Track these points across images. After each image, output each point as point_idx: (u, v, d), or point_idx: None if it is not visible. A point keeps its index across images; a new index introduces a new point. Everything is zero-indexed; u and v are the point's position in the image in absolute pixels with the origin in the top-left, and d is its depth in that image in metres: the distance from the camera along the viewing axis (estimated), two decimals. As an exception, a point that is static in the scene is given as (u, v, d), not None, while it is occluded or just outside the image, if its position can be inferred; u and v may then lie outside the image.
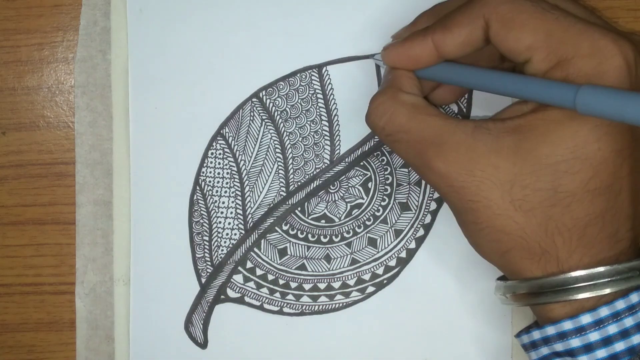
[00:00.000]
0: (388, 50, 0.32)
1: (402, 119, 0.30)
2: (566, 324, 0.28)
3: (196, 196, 0.37)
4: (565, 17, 0.28)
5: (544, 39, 0.28)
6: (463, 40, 0.29)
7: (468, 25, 0.29)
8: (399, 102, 0.31)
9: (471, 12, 0.29)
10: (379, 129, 0.31)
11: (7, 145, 0.38)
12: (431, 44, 0.30)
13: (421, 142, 0.30)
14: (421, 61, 0.31)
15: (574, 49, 0.27)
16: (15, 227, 0.38)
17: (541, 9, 0.28)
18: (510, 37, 0.28)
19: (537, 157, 0.28)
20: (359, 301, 0.37)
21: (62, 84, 0.38)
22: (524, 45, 0.28)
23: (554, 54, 0.28)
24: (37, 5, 0.38)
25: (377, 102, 0.31)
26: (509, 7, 0.28)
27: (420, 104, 0.31)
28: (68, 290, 0.38)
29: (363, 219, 0.37)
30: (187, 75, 0.37)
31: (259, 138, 0.37)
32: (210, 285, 0.37)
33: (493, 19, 0.29)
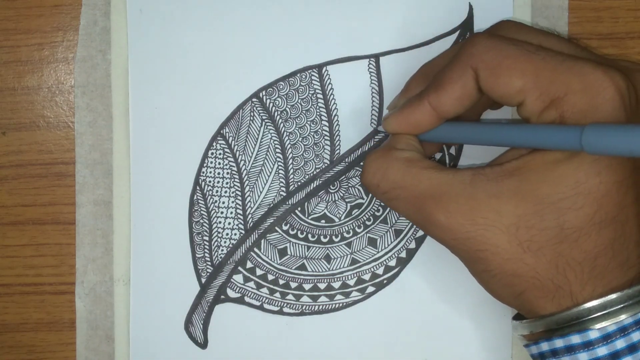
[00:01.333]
0: (388, 120, 0.32)
1: (397, 175, 0.30)
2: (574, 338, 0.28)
3: (196, 196, 0.37)
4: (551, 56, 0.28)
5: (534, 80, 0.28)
6: (458, 95, 0.29)
7: (459, 80, 0.29)
8: (392, 158, 0.31)
9: (459, 66, 0.29)
10: (374, 187, 0.31)
11: (7, 145, 0.38)
12: (429, 107, 0.30)
13: (419, 197, 0.30)
14: (422, 125, 0.31)
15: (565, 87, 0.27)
16: (15, 227, 0.38)
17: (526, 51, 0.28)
18: (500, 83, 0.28)
19: (538, 197, 0.28)
20: (359, 301, 0.37)
21: (62, 84, 0.38)
22: (515, 89, 0.28)
23: (545, 94, 0.28)
24: (37, 5, 0.38)
25: (370, 159, 0.31)
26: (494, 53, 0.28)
27: (414, 157, 0.31)
28: (68, 290, 0.38)
29: (363, 219, 0.37)
30: (187, 75, 0.37)
31: (259, 138, 0.37)
32: (210, 285, 0.37)
33: (480, 67, 0.29)
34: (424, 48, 0.36)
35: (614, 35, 0.37)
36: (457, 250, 0.30)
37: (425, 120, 0.31)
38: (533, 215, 0.28)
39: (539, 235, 0.28)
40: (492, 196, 0.28)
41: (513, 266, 0.29)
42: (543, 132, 0.28)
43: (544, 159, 0.28)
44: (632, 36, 0.37)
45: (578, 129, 0.26)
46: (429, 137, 0.32)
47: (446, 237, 0.29)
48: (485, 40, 0.29)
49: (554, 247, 0.28)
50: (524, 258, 0.28)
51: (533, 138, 0.28)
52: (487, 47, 0.29)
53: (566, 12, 0.37)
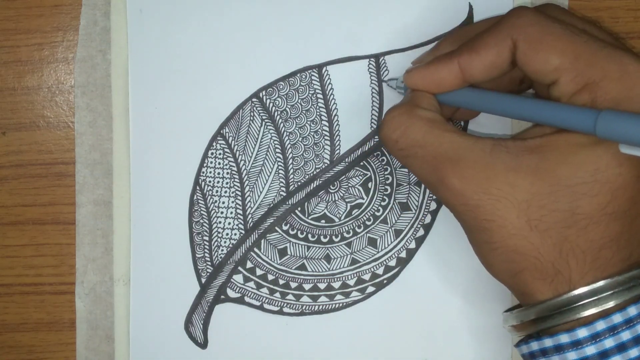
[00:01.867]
0: (412, 72, 0.31)
1: (418, 134, 0.30)
2: (563, 337, 0.28)
3: (196, 196, 0.37)
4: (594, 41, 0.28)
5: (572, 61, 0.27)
6: (490, 62, 0.29)
7: (495, 47, 0.29)
8: (415, 116, 0.30)
9: (499, 33, 0.29)
10: (391, 142, 0.31)
11: (7, 145, 0.38)
12: (457, 67, 0.30)
13: (437, 158, 0.29)
14: (445, 84, 0.31)
15: (602, 72, 0.27)
16: (15, 227, 0.38)
17: (570, 31, 0.28)
18: (538, 58, 0.28)
19: (556, 178, 0.28)
20: (359, 301, 0.37)
21: (62, 84, 0.38)
22: (552, 66, 0.28)
23: (581, 76, 0.27)
24: (37, 5, 0.38)
25: (392, 114, 0.31)
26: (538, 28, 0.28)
27: (437, 119, 0.30)
28: (68, 290, 0.38)
29: (363, 219, 0.37)
30: (187, 75, 0.37)
31: (259, 138, 0.37)
32: (210, 285, 0.37)
33: (521, 39, 0.28)
34: (424, 48, 0.36)
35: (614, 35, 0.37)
36: (464, 217, 0.30)
37: (450, 80, 0.30)
38: (547, 195, 0.28)
39: (549, 216, 0.28)
40: (510, 169, 0.28)
41: (517, 242, 0.28)
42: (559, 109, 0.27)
43: (567, 140, 0.28)
44: (632, 36, 0.37)
45: (595, 112, 0.26)
46: (447, 99, 0.31)
47: (456, 202, 0.29)
48: (531, 14, 0.29)
49: (561, 231, 0.28)
50: (530, 236, 0.28)
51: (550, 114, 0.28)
52: (531, 20, 0.28)
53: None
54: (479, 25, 0.33)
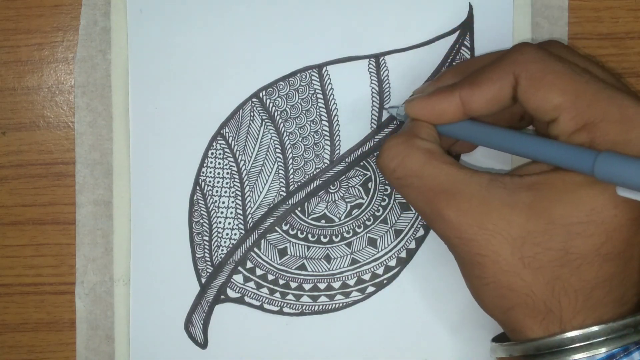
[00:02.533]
0: (413, 102, 0.32)
1: (416, 164, 0.30)
2: None
3: (196, 196, 0.37)
4: (595, 81, 0.28)
5: (573, 100, 0.28)
6: (491, 97, 0.29)
7: (497, 82, 0.29)
8: (413, 147, 0.30)
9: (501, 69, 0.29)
10: (389, 171, 0.31)
11: (7, 145, 0.38)
12: (458, 100, 0.30)
13: (433, 190, 0.29)
14: (446, 116, 0.31)
15: (602, 114, 0.27)
16: (15, 227, 0.38)
17: (571, 70, 0.28)
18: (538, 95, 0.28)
19: (552, 216, 0.28)
20: (359, 301, 0.37)
21: (62, 84, 0.38)
22: (553, 104, 0.28)
23: (581, 116, 0.27)
24: (37, 5, 0.38)
25: (390, 143, 0.31)
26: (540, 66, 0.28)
27: (435, 150, 0.30)
28: (68, 290, 0.38)
29: (363, 219, 0.37)
30: (187, 75, 0.37)
31: (259, 138, 0.37)
32: (210, 285, 0.37)
33: (523, 76, 0.28)
34: (424, 48, 0.36)
35: (614, 35, 0.37)
36: (458, 250, 0.30)
37: (451, 112, 0.30)
38: (542, 233, 0.28)
39: (543, 254, 0.28)
40: (506, 205, 0.28)
41: (509, 279, 0.28)
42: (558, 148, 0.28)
43: (564, 179, 0.28)
44: (632, 36, 0.37)
45: (594, 152, 0.26)
46: (447, 131, 0.32)
47: (451, 234, 0.29)
48: (534, 51, 0.29)
49: (554, 270, 0.28)
50: (522, 273, 0.28)
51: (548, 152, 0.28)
52: (534, 57, 0.29)
53: (566, 12, 0.37)
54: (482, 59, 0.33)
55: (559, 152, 0.28)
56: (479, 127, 0.31)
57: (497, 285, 0.29)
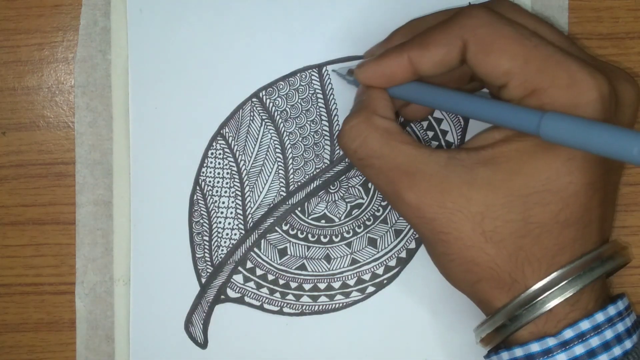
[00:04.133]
0: (363, 67, 0.31)
1: (375, 144, 0.30)
2: (533, 346, 0.28)
3: (196, 196, 0.37)
4: (544, 45, 0.28)
5: (522, 66, 0.28)
6: (439, 59, 0.29)
7: (445, 45, 0.29)
8: (373, 126, 0.30)
9: (449, 32, 0.29)
10: (350, 152, 0.31)
11: (7, 145, 0.38)
12: (407, 61, 0.30)
13: (393, 170, 0.29)
14: (396, 78, 0.31)
15: (551, 79, 0.27)
16: (15, 227, 0.38)
17: (520, 34, 0.28)
18: (488, 61, 0.28)
19: (510, 189, 0.28)
20: (359, 301, 0.37)
21: (62, 84, 0.38)
22: (502, 70, 0.28)
23: (530, 82, 0.27)
24: (37, 5, 0.38)
25: (350, 124, 0.31)
26: (489, 30, 0.28)
27: (394, 129, 0.30)
28: (68, 290, 0.38)
29: (363, 219, 0.37)
30: (187, 75, 0.37)
31: (259, 138, 0.37)
32: (210, 285, 0.37)
33: (471, 41, 0.28)
34: (424, 48, 0.36)
35: (614, 35, 0.37)
36: (420, 229, 0.30)
37: (400, 73, 0.30)
38: (501, 206, 0.28)
39: (503, 227, 0.28)
40: (465, 182, 0.28)
41: (473, 253, 0.29)
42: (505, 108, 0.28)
43: (518, 148, 0.28)
44: (632, 36, 0.37)
45: (539, 112, 0.26)
46: (397, 92, 0.31)
47: (412, 215, 0.29)
48: (483, 14, 0.29)
49: (515, 240, 0.28)
50: (485, 247, 0.28)
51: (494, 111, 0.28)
52: (483, 21, 0.28)
53: (566, 12, 0.37)
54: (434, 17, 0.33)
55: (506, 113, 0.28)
56: (428, 88, 0.31)
57: (462, 261, 0.29)
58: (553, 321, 0.28)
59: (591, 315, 0.28)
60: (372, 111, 0.31)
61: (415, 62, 0.30)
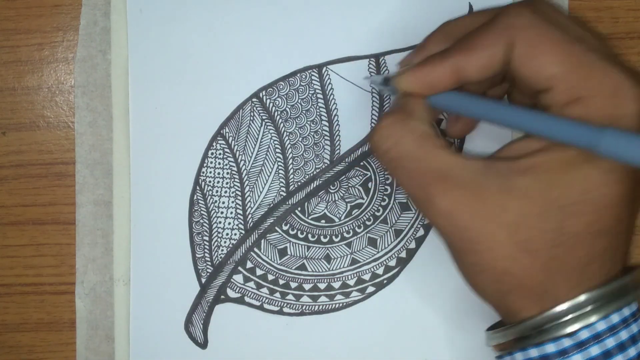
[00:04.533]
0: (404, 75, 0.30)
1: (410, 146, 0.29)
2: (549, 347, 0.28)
3: (196, 196, 0.37)
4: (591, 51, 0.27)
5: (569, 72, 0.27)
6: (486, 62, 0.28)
7: (492, 47, 0.28)
8: (408, 128, 0.29)
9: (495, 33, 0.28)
10: (381, 152, 0.30)
11: (7, 145, 0.38)
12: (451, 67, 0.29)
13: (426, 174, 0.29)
14: (439, 86, 0.30)
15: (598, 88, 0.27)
16: (15, 227, 0.38)
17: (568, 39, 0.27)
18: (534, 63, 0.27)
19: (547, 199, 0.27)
20: (359, 301, 0.37)
21: (62, 84, 0.38)
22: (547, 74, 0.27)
23: (576, 88, 0.27)
24: (37, 5, 0.38)
25: (385, 122, 0.30)
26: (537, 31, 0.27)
27: (430, 133, 0.29)
28: (68, 290, 0.38)
29: (363, 219, 0.37)
30: (187, 75, 0.37)
31: (259, 138, 0.37)
32: (210, 285, 0.37)
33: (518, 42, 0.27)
34: (424, 48, 0.36)
35: (614, 35, 0.37)
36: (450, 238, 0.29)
37: (444, 81, 0.29)
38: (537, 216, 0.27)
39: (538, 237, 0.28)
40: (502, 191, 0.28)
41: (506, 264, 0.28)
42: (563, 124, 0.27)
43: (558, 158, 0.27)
44: (632, 36, 0.37)
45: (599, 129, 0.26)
46: (440, 102, 0.30)
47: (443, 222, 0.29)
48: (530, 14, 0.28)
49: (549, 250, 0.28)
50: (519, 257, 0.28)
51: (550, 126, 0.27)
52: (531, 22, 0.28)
53: (566, 12, 0.37)
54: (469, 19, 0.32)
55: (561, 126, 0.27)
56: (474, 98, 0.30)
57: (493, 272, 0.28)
58: None
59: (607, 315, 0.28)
60: (408, 113, 0.30)
61: (460, 68, 0.29)
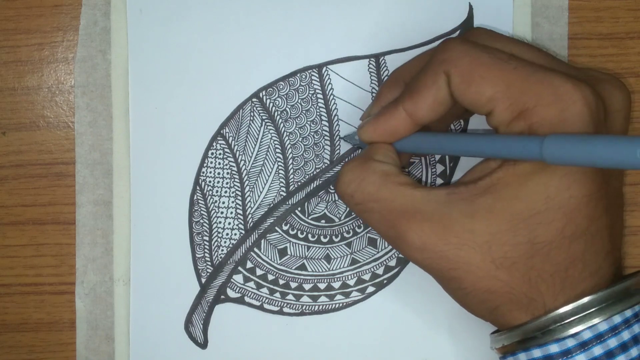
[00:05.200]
0: (364, 128, 0.32)
1: (372, 187, 0.30)
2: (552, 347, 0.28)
3: (196, 196, 0.37)
4: (523, 66, 0.28)
5: (505, 90, 0.28)
6: (432, 101, 0.29)
7: (433, 85, 0.29)
8: (369, 170, 0.30)
9: (432, 71, 0.29)
10: (347, 196, 0.31)
11: (7, 145, 0.38)
12: (404, 113, 0.30)
13: (392, 212, 0.29)
14: (398, 132, 0.31)
15: (535, 98, 0.27)
16: (15, 227, 0.38)
17: (498, 59, 0.28)
18: (471, 90, 0.28)
19: (512, 214, 0.28)
20: (359, 301, 0.37)
21: (62, 84, 0.38)
22: (485, 97, 0.28)
23: (515, 104, 0.28)
24: (37, 5, 0.38)
25: (346, 168, 0.31)
26: (467, 60, 0.28)
27: (391, 171, 0.30)
28: (68, 290, 0.38)
29: (363, 219, 0.37)
30: (187, 75, 0.37)
31: (259, 138, 0.37)
32: (210, 285, 0.37)
33: (453, 73, 0.29)
34: (424, 48, 0.36)
35: (614, 35, 0.37)
36: (430, 269, 0.30)
37: (401, 127, 0.31)
38: (506, 232, 0.28)
39: (512, 251, 0.28)
40: (467, 215, 0.28)
41: (487, 283, 0.29)
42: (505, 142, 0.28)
43: (514, 172, 0.28)
44: (632, 36, 0.37)
45: (539, 138, 0.26)
46: (402, 147, 0.32)
47: (418, 257, 0.29)
48: (459, 46, 0.29)
49: (526, 262, 0.28)
50: (497, 274, 0.28)
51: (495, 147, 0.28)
52: (460, 52, 0.29)
53: (566, 12, 0.37)
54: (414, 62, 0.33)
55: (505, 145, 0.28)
56: (429, 137, 0.31)
57: (477, 292, 0.29)
58: None
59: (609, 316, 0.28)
60: (369, 156, 0.31)
61: (411, 113, 0.30)
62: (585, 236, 0.28)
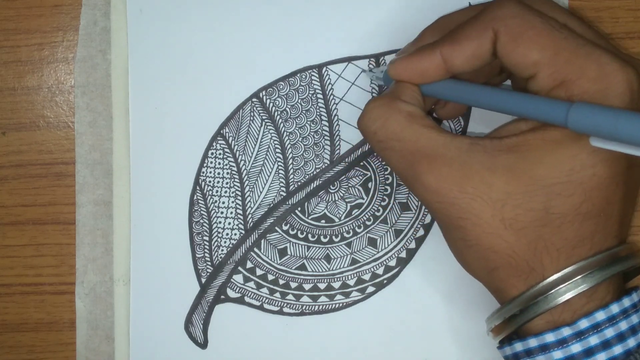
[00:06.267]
0: (395, 63, 0.31)
1: (397, 127, 0.30)
2: (548, 336, 0.28)
3: (196, 196, 0.37)
4: (574, 37, 0.28)
5: (551, 57, 0.28)
6: (472, 53, 0.29)
7: (477, 38, 0.29)
8: (395, 109, 0.30)
9: (480, 24, 0.29)
10: (370, 133, 0.31)
11: (7, 145, 0.38)
12: (440, 58, 0.30)
13: (413, 153, 0.29)
14: (428, 75, 0.31)
15: (580, 71, 0.27)
16: (15, 227, 0.38)
17: (550, 26, 0.28)
18: (517, 51, 0.28)
19: (532, 178, 0.28)
20: (359, 301, 0.37)
21: (62, 84, 0.38)
22: (531, 61, 0.28)
23: (559, 72, 0.27)
24: (37, 5, 0.38)
25: (372, 105, 0.31)
26: (519, 21, 0.28)
27: (417, 113, 0.30)
28: (68, 290, 0.38)
29: (363, 219, 0.37)
30: (187, 75, 0.37)
31: (259, 138, 0.37)
32: (210, 285, 0.37)
33: (502, 32, 0.28)
34: (424, 48, 0.36)
35: (614, 35, 0.37)
36: (439, 214, 0.30)
37: (433, 71, 0.30)
38: (522, 194, 0.28)
39: (524, 215, 0.28)
40: (486, 168, 0.28)
41: (491, 241, 0.29)
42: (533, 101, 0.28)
43: (544, 137, 0.28)
44: (632, 36, 0.37)
45: (567, 104, 0.26)
46: (429, 91, 0.31)
47: (431, 199, 0.29)
48: (513, 5, 0.29)
49: (535, 230, 0.28)
50: (504, 235, 0.28)
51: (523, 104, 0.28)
52: (513, 12, 0.28)
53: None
54: (462, 13, 0.33)
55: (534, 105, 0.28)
56: (459, 85, 0.31)
57: (479, 248, 0.29)
58: (569, 312, 0.28)
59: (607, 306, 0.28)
60: (396, 96, 0.31)
61: (447, 59, 0.30)
62: (598, 217, 0.28)
